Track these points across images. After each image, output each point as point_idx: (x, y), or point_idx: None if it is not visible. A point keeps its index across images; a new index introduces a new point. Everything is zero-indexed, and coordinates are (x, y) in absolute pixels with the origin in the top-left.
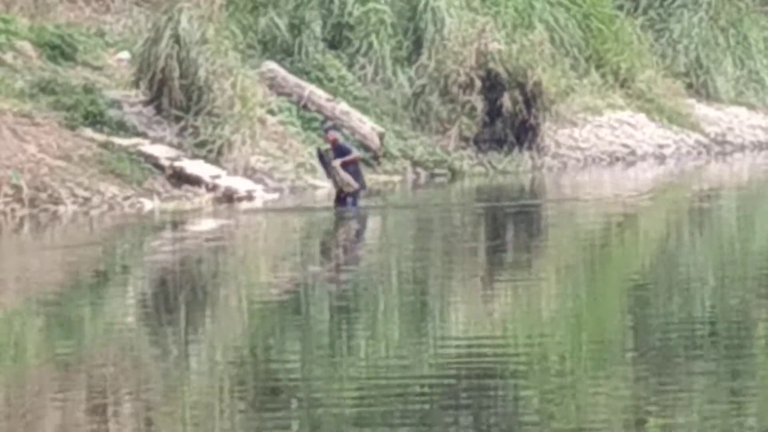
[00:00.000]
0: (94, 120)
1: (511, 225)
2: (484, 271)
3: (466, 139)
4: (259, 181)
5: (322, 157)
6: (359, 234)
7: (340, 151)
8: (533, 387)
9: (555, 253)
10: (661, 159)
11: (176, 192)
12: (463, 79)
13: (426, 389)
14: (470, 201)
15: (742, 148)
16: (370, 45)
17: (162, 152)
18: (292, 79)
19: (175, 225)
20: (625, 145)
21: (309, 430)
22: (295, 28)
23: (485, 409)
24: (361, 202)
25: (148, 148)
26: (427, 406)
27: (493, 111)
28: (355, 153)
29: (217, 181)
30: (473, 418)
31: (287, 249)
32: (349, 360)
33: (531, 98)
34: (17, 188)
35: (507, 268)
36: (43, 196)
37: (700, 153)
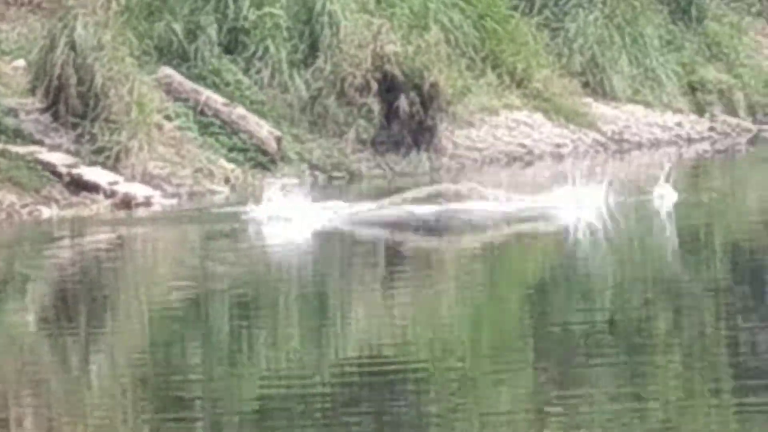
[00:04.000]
0: None
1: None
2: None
3: (363, 142)
4: (157, 186)
5: None
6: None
7: None
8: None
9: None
10: (559, 158)
11: (74, 199)
12: (359, 81)
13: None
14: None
15: (639, 146)
16: (266, 49)
17: (59, 159)
18: (189, 84)
19: (72, 233)
20: (522, 145)
21: None
22: (191, 34)
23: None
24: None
25: (45, 155)
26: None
27: (391, 113)
28: None
29: (115, 188)
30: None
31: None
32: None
33: (428, 99)
34: None
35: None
36: None
37: (597, 151)
